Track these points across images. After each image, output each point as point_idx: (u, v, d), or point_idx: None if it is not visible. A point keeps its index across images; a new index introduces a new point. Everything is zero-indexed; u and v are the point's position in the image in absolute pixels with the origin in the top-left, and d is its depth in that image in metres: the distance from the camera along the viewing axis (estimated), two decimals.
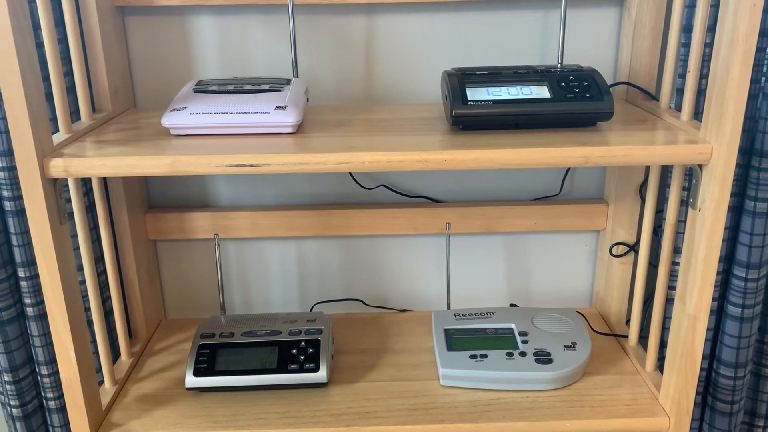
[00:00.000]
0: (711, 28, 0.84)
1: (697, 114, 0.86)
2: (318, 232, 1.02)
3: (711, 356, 0.99)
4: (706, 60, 0.85)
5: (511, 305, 1.07)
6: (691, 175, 0.88)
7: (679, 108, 0.87)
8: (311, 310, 1.10)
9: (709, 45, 0.84)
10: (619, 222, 0.99)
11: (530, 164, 0.69)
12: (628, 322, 1.04)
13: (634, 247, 0.99)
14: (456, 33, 0.96)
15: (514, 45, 0.96)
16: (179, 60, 0.96)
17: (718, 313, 0.97)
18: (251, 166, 0.69)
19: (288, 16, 0.94)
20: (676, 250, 0.92)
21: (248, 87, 0.80)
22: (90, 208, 0.90)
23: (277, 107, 0.76)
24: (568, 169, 1.03)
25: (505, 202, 1.03)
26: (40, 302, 0.90)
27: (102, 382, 0.90)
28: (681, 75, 0.87)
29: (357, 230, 1.02)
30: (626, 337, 0.98)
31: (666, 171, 0.93)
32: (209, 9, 0.94)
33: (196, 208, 1.02)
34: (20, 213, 0.86)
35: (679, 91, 0.88)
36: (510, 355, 0.88)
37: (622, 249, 1.00)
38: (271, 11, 0.94)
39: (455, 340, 0.91)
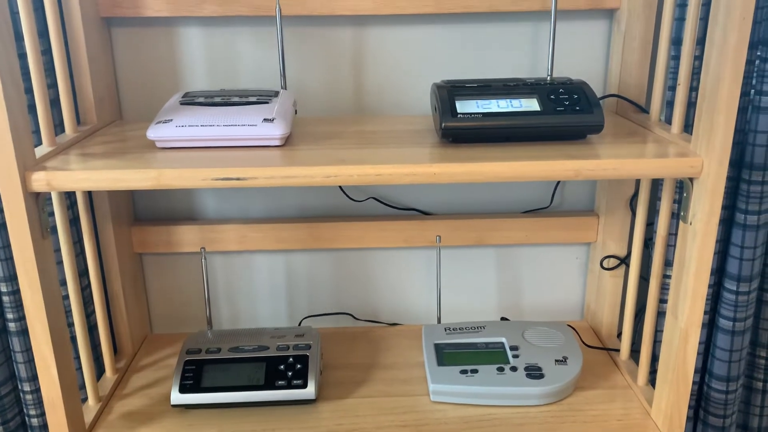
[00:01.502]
0: (700, 41, 0.84)
1: (687, 127, 0.86)
2: (306, 244, 1.01)
3: (702, 370, 0.98)
4: (695, 73, 0.85)
5: (502, 319, 1.06)
6: (682, 187, 0.88)
7: (669, 121, 0.86)
8: (300, 324, 1.09)
9: (698, 58, 0.84)
10: (609, 235, 0.99)
11: (521, 177, 0.69)
12: (619, 335, 1.04)
13: (625, 260, 0.99)
14: (445, 45, 0.95)
15: (503, 57, 0.96)
16: (166, 72, 0.95)
17: (710, 326, 0.96)
18: (238, 179, 0.68)
19: (276, 27, 0.93)
20: (667, 263, 0.91)
21: (235, 99, 0.80)
22: (74, 222, 0.89)
23: (264, 119, 0.75)
24: (558, 181, 1.03)
25: (495, 215, 1.02)
26: (22, 317, 0.88)
27: (85, 399, 0.88)
28: (671, 87, 0.87)
29: (346, 243, 1.01)
30: (617, 350, 0.97)
31: (656, 183, 0.93)
32: (196, 20, 0.93)
33: (183, 221, 1.01)
34: (1, 227, 0.84)
35: (669, 104, 0.88)
36: (501, 370, 0.87)
37: (612, 262, 0.99)
38: (259, 23, 0.93)
39: (446, 355, 0.90)
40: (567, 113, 0.75)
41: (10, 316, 0.88)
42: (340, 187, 1.02)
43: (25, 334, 0.89)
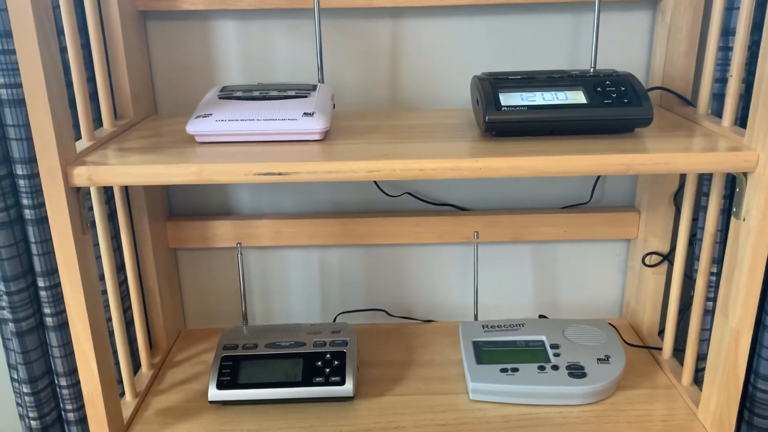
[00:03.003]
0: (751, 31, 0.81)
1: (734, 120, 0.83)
2: (340, 240, 1.00)
3: (748, 370, 0.96)
4: (745, 64, 0.82)
5: (540, 316, 1.04)
6: (731, 182, 0.85)
7: (715, 113, 0.84)
8: (334, 320, 1.08)
9: (748, 48, 0.81)
10: (651, 231, 0.96)
11: (570, 172, 0.67)
12: (659, 333, 1.01)
13: (668, 257, 0.96)
14: (483, 37, 0.94)
15: (542, 49, 0.94)
16: (200, 65, 0.94)
17: (756, 324, 0.94)
18: (280, 174, 0.67)
19: (314, 20, 0.92)
20: (712, 260, 0.89)
21: (274, 93, 0.78)
22: (111, 216, 0.89)
23: (304, 114, 0.74)
24: (599, 176, 1.01)
25: (533, 210, 1.00)
26: (59, 312, 0.88)
27: (122, 394, 0.88)
28: (717, 80, 0.85)
29: (380, 239, 1.00)
30: (659, 349, 0.95)
31: (701, 178, 0.90)
32: (232, 13, 0.92)
33: (218, 216, 1.00)
34: (40, 221, 0.84)
35: (715, 96, 0.85)
36: (542, 368, 0.85)
37: (655, 259, 0.97)
38: (295, 15, 0.92)
39: (484, 353, 0.89)
40: (615, 106, 0.72)
41: (47, 311, 0.88)
42: (375, 182, 1.00)
43: (62, 329, 0.89)
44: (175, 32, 0.93)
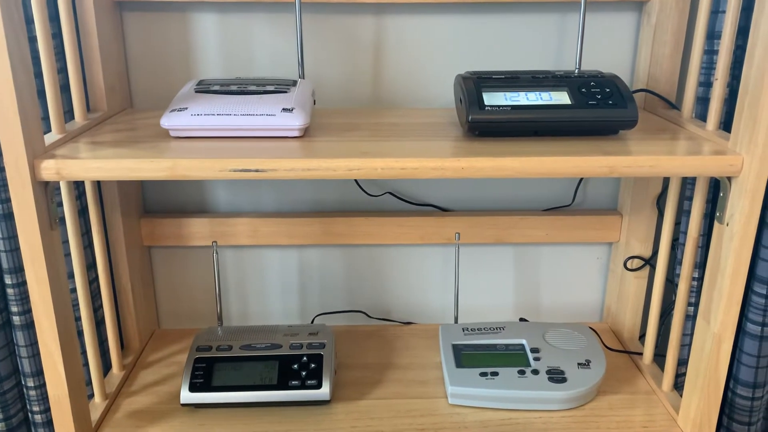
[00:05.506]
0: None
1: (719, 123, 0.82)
2: (320, 240, 0.98)
3: (728, 375, 0.95)
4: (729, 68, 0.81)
5: (521, 319, 1.03)
6: (714, 186, 0.85)
7: (700, 117, 0.83)
8: (312, 321, 1.06)
9: (732, 52, 0.81)
10: (634, 234, 0.96)
11: (553, 174, 0.66)
12: (640, 338, 1.01)
13: (650, 261, 0.96)
14: (467, 35, 0.92)
15: (527, 49, 0.93)
16: (178, 58, 0.92)
17: (737, 330, 0.93)
18: (257, 171, 0.65)
19: (295, 14, 0.90)
20: (695, 265, 0.88)
21: (252, 88, 0.76)
22: (82, 212, 0.86)
23: (283, 109, 0.72)
24: (582, 178, 1.00)
25: (515, 212, 0.99)
26: (27, 311, 0.85)
27: (92, 395, 0.85)
28: (701, 83, 0.84)
29: (361, 239, 0.98)
30: (640, 354, 0.94)
31: (684, 182, 0.90)
32: (211, 5, 0.89)
33: (194, 214, 0.98)
34: (8, 217, 0.81)
35: (699, 100, 0.84)
36: (522, 373, 0.84)
37: (637, 263, 0.96)
38: (276, 9, 0.90)
39: (464, 357, 0.87)
40: (599, 107, 0.71)
41: (14, 309, 0.85)
42: (356, 181, 0.98)
43: (29, 328, 0.86)
44: (152, 24, 0.90)
